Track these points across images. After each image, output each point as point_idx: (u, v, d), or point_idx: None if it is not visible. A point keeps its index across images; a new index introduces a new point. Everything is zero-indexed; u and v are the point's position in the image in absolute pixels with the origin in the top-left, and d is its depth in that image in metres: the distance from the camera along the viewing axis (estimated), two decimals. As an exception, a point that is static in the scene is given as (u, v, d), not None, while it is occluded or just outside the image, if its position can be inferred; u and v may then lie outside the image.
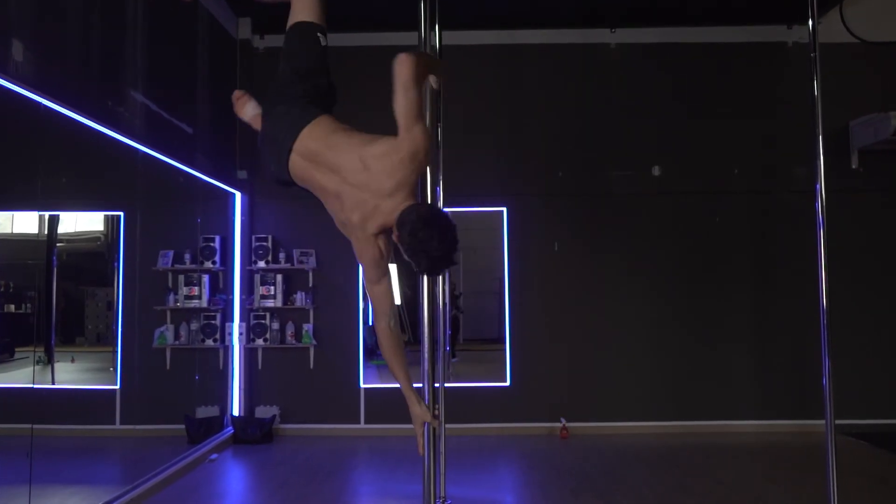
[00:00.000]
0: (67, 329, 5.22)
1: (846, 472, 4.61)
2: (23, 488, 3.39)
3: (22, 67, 2.96)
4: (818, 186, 2.86)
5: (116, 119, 3.85)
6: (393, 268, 2.17)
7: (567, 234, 6.14)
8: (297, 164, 2.06)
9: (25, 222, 4.97)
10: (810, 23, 2.96)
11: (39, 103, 3.19)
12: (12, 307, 4.66)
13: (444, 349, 6.44)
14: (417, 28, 2.23)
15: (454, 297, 7.03)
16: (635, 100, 6.20)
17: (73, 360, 5.20)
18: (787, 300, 6.03)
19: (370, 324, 7.82)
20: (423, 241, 1.85)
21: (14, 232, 4.65)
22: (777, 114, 6.14)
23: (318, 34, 2.07)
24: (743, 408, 6.00)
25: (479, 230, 6.65)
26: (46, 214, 5.01)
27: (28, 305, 4.89)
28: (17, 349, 4.73)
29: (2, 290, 4.35)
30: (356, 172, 1.97)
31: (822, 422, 5.80)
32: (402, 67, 1.93)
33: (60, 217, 5.16)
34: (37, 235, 4.95)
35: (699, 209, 6.15)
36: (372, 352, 7.59)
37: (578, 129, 6.21)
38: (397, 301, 7.36)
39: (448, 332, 6.87)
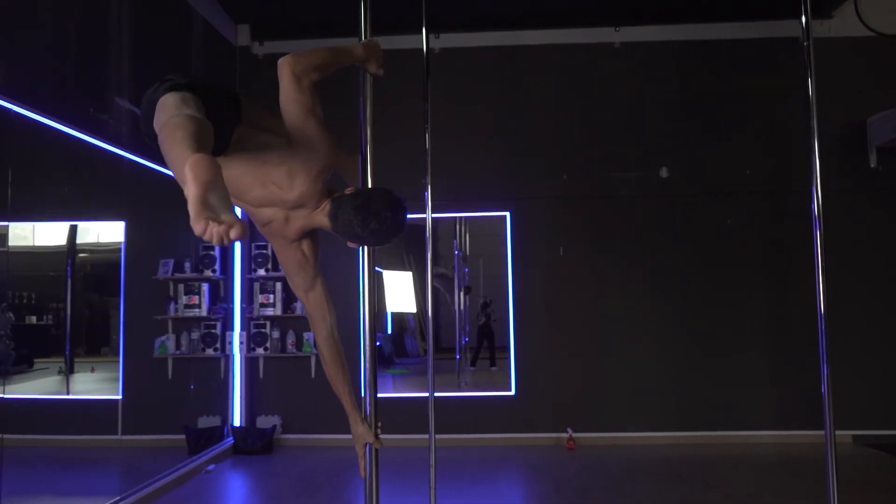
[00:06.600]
0: (91, 339, 5.24)
1: (863, 484, 4.40)
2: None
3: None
4: (814, 189, 2.67)
5: (100, 127, 3.82)
6: (392, 274, 2.06)
7: (573, 238, 5.98)
8: None
9: (46, 234, 4.99)
10: (803, 18, 2.79)
11: (10, 110, 3.16)
12: (34, 318, 4.68)
13: (462, 356, 6.36)
14: (357, 34, 1.99)
15: (485, 305, 6.85)
16: (641, 100, 6.03)
17: (92, 370, 5.21)
18: (803, 305, 5.72)
19: (389, 332, 7.72)
20: (372, 215, 1.71)
21: (35, 244, 4.67)
22: (790, 111, 5.92)
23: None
24: (758, 418, 5.76)
25: (482, 236, 6.52)
26: (62, 225, 5.04)
27: (49, 317, 4.92)
28: (37, 360, 4.75)
29: (24, 301, 4.37)
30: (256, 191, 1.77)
31: (844, 432, 5.52)
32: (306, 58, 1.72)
33: (80, 228, 5.20)
34: (60, 247, 4.98)
35: (710, 211, 5.95)
36: (389, 360, 7.47)
37: (583, 130, 6.05)
38: (412, 309, 7.27)
39: (465, 339, 6.79)
